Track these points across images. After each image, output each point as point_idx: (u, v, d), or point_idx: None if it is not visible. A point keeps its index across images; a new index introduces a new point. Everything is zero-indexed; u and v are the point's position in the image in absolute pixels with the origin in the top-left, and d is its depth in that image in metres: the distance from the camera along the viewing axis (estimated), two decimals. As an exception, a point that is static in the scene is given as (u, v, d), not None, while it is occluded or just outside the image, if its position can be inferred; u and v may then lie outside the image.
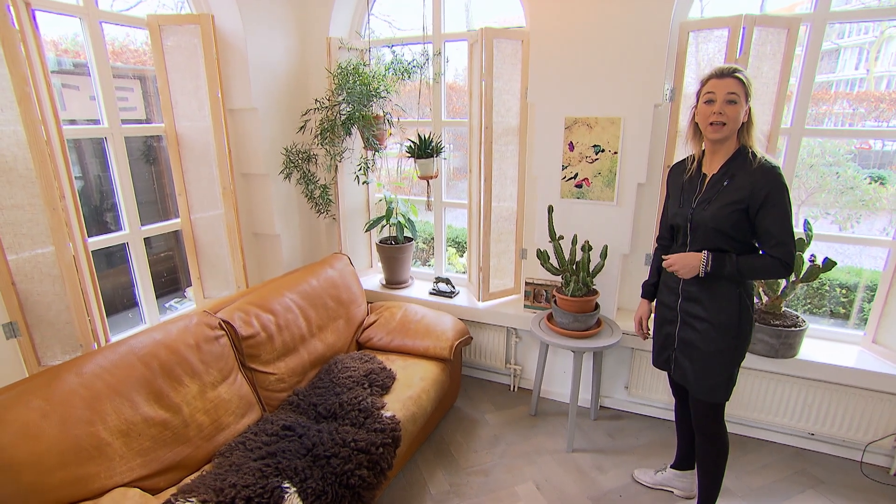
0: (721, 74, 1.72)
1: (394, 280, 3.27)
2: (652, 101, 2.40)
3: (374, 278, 3.44)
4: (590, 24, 2.42)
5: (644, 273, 2.78)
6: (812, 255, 2.35)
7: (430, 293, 3.17)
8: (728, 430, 2.69)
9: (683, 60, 2.42)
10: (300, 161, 2.98)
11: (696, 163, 1.90)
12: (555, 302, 2.50)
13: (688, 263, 1.83)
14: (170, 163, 2.62)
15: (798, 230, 2.46)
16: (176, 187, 2.64)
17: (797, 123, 2.44)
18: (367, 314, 2.99)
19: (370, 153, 2.99)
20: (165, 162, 2.68)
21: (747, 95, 1.71)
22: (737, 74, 1.70)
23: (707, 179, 1.84)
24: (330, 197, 3.08)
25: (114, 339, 2.26)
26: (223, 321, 2.25)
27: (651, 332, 2.18)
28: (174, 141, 2.57)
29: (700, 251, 1.81)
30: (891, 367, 2.33)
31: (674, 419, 2.29)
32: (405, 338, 2.74)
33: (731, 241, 1.78)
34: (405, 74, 2.87)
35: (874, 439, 2.43)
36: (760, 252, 1.78)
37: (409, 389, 2.41)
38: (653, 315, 2.17)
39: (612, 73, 2.43)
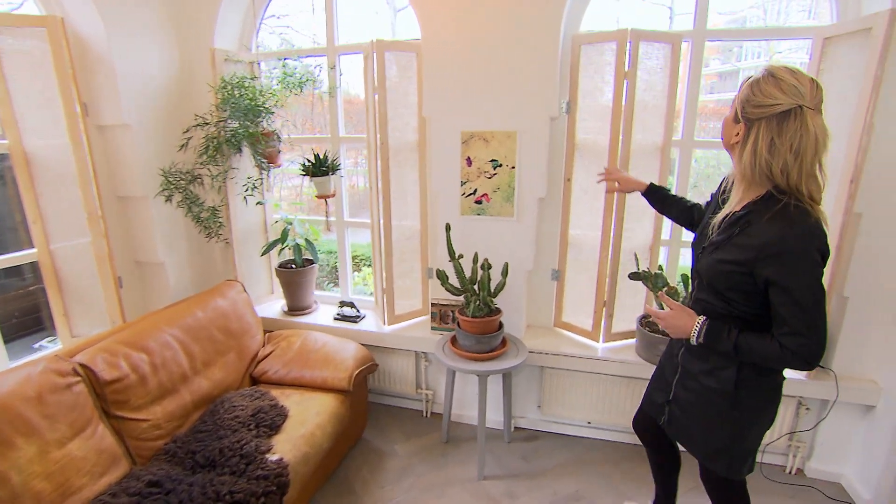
0: None
1: (296, 306, 3.06)
2: (547, 114, 2.37)
3: (275, 305, 3.20)
4: (482, 37, 2.36)
5: (550, 289, 2.74)
6: (694, 265, 2.38)
7: (335, 318, 2.98)
8: (638, 442, 2.69)
9: (577, 73, 2.42)
10: (183, 182, 2.72)
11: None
12: (458, 324, 2.40)
13: (678, 325, 1.51)
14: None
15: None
16: (28, 214, 2.32)
17: (687, 135, 2.48)
18: (264, 345, 2.76)
19: (264, 172, 2.79)
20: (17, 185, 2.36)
21: (736, 112, 1.35)
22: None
23: (727, 216, 1.43)
24: (220, 219, 2.84)
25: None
26: (80, 365, 1.97)
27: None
28: (23, 161, 2.26)
29: (705, 306, 1.50)
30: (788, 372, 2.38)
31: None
32: (303, 369, 2.54)
33: (731, 303, 1.43)
34: (297, 88, 2.71)
35: (770, 440, 2.48)
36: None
37: (303, 427, 2.21)
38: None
39: (506, 87, 2.38)
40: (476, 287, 2.36)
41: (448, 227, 2.35)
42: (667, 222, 2.55)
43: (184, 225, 2.88)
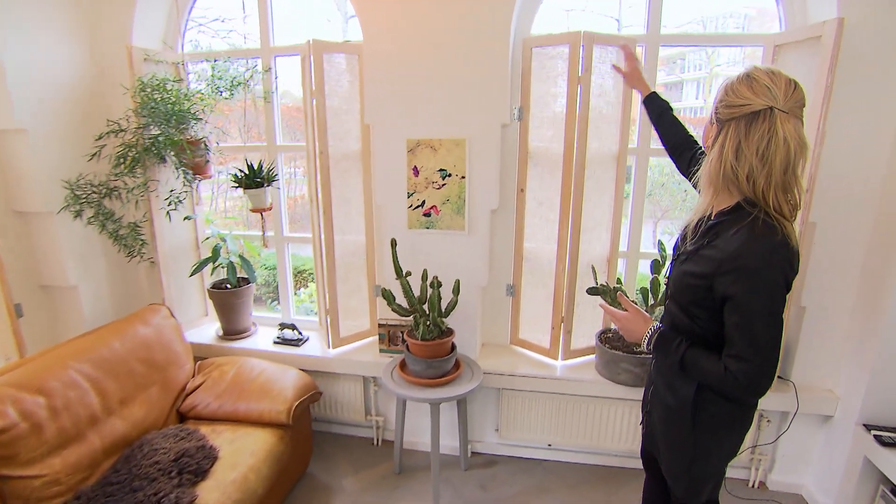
0: None
1: (231, 330, 2.79)
2: (498, 121, 2.23)
3: (210, 329, 2.92)
4: (428, 39, 2.20)
5: (506, 305, 2.59)
6: (669, 274, 2.29)
7: (275, 342, 2.73)
8: (599, 463, 2.58)
9: (529, 78, 2.29)
10: (95, 196, 2.42)
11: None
12: (407, 347, 2.21)
13: (631, 329, 1.44)
14: None
15: (653, 251, 2.41)
16: None
17: (643, 143, 2.40)
18: (193, 375, 2.48)
19: (190, 184, 2.53)
20: None
21: (711, 114, 1.26)
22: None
23: (700, 224, 1.31)
24: (142, 237, 2.54)
25: None
26: (-47, 416, 1.66)
27: None
28: None
29: (672, 320, 1.40)
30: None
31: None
32: (238, 401, 2.29)
33: (695, 320, 1.32)
34: (227, 92, 2.47)
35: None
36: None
37: (234, 471, 1.97)
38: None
39: (454, 91, 2.22)
40: (426, 307, 2.18)
41: (394, 243, 2.17)
42: (624, 231, 2.46)
43: (101, 243, 2.57)
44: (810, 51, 2.00)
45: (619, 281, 2.35)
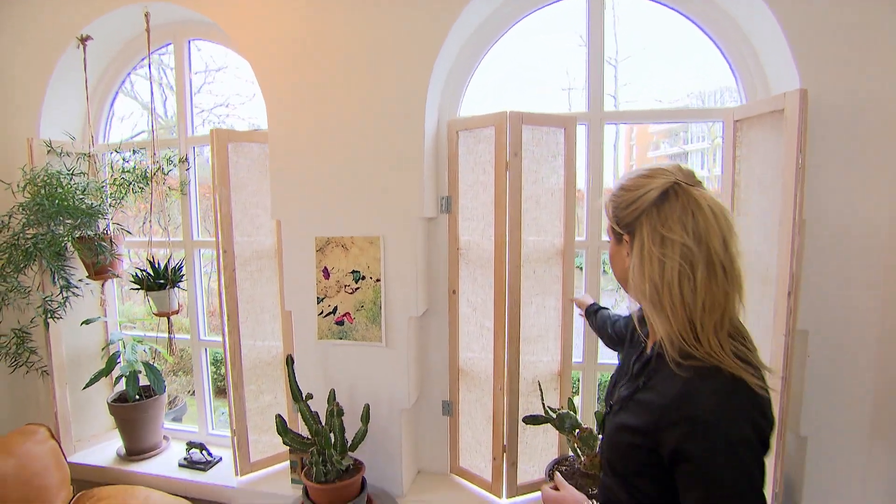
0: None
1: (135, 449, 2.41)
2: (418, 215, 1.92)
3: (113, 447, 2.53)
4: (336, 126, 1.95)
5: (443, 425, 2.18)
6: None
7: (181, 465, 2.34)
8: None
9: (457, 164, 2.02)
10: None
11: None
12: (305, 491, 1.79)
13: None
14: None
15: (614, 362, 2.01)
16: None
17: (592, 236, 2.06)
18: (69, 513, 2.09)
19: (77, 286, 2.27)
20: None
21: (613, 232, 1.00)
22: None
23: (638, 358, 1.04)
24: (29, 346, 2.25)
25: None
26: None
27: None
28: None
29: (607, 496, 1.01)
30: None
31: None
32: (107, 554, 1.88)
33: (640, 498, 0.93)
34: (134, 186, 2.25)
35: None
36: None
37: None
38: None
39: (366, 183, 1.94)
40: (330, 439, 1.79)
41: (289, 361, 1.82)
42: (578, 341, 2.07)
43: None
44: (774, 125, 1.70)
45: (570, 403, 1.93)
